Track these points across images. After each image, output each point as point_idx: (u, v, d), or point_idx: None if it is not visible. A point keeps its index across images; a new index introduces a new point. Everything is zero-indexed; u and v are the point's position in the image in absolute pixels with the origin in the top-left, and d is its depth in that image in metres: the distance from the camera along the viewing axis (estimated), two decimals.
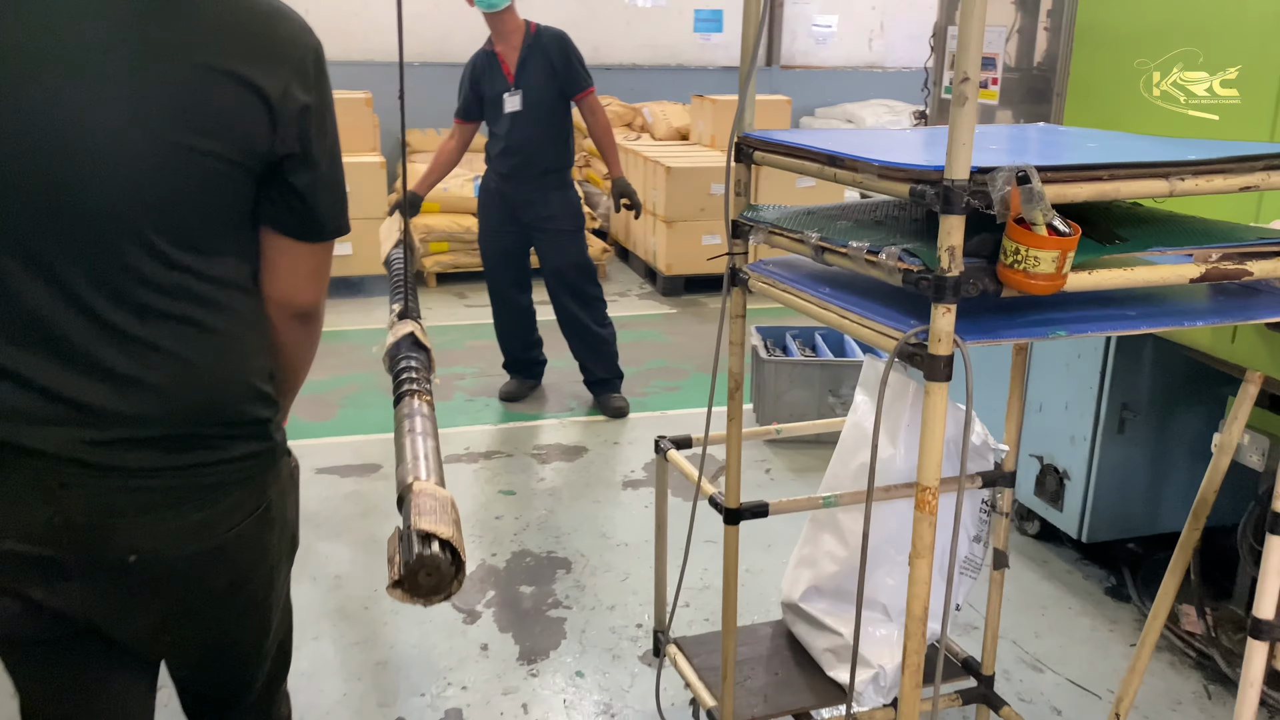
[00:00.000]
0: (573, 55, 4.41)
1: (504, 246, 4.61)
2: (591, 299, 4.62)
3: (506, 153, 4.44)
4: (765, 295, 1.95)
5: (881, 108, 9.99)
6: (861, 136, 2.04)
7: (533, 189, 4.46)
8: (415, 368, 2.53)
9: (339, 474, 3.99)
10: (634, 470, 4.07)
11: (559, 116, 4.45)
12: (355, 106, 6.87)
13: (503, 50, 4.40)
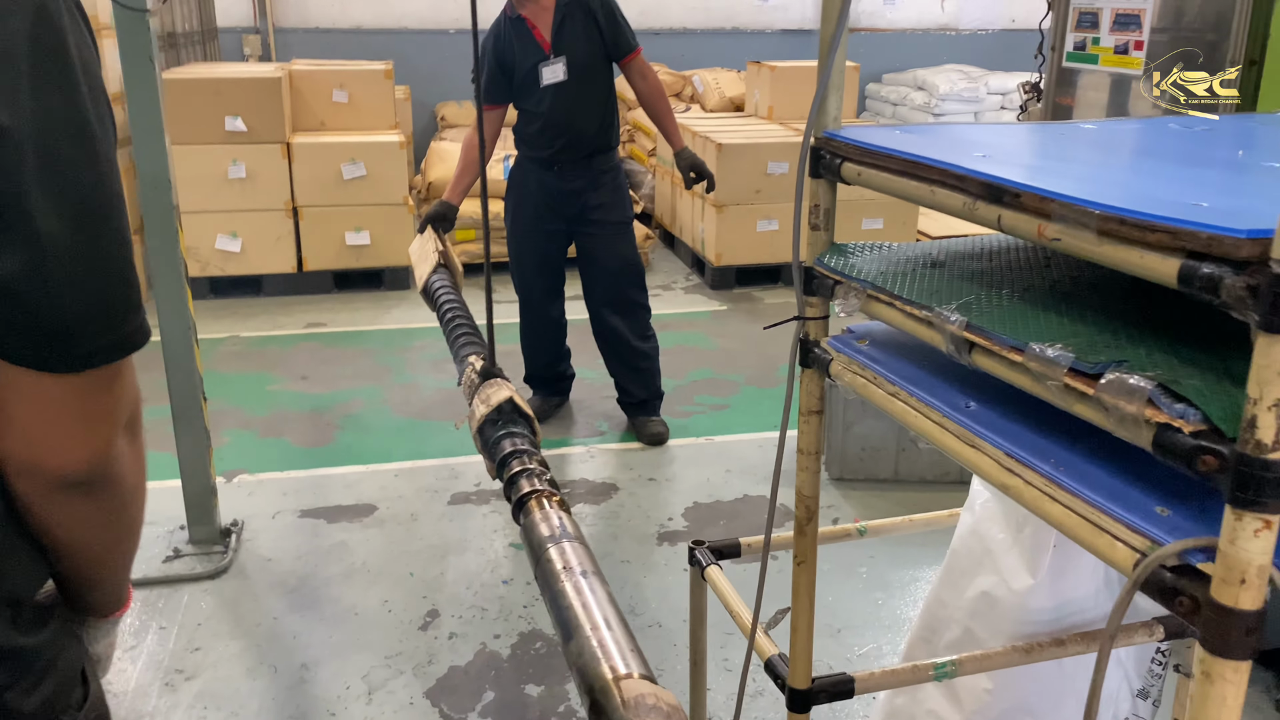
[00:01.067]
0: (618, 13, 3.77)
1: (542, 249, 3.94)
2: (636, 307, 3.95)
3: (548, 133, 3.75)
4: (857, 391, 1.28)
5: (956, 74, 9.12)
6: (1007, 138, 1.33)
7: (580, 175, 3.80)
8: (528, 451, 1.92)
9: (326, 518, 3.38)
10: (672, 518, 3.40)
11: (606, 84, 3.80)
12: (372, 79, 6.22)
13: (531, 12, 3.70)
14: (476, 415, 2.14)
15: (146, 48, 2.71)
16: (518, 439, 2.02)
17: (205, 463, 3.12)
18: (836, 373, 1.33)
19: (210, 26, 7.91)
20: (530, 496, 1.73)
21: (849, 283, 1.25)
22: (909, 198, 1.08)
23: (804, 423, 1.44)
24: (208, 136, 5.51)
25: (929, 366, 1.18)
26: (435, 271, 3.26)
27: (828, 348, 1.35)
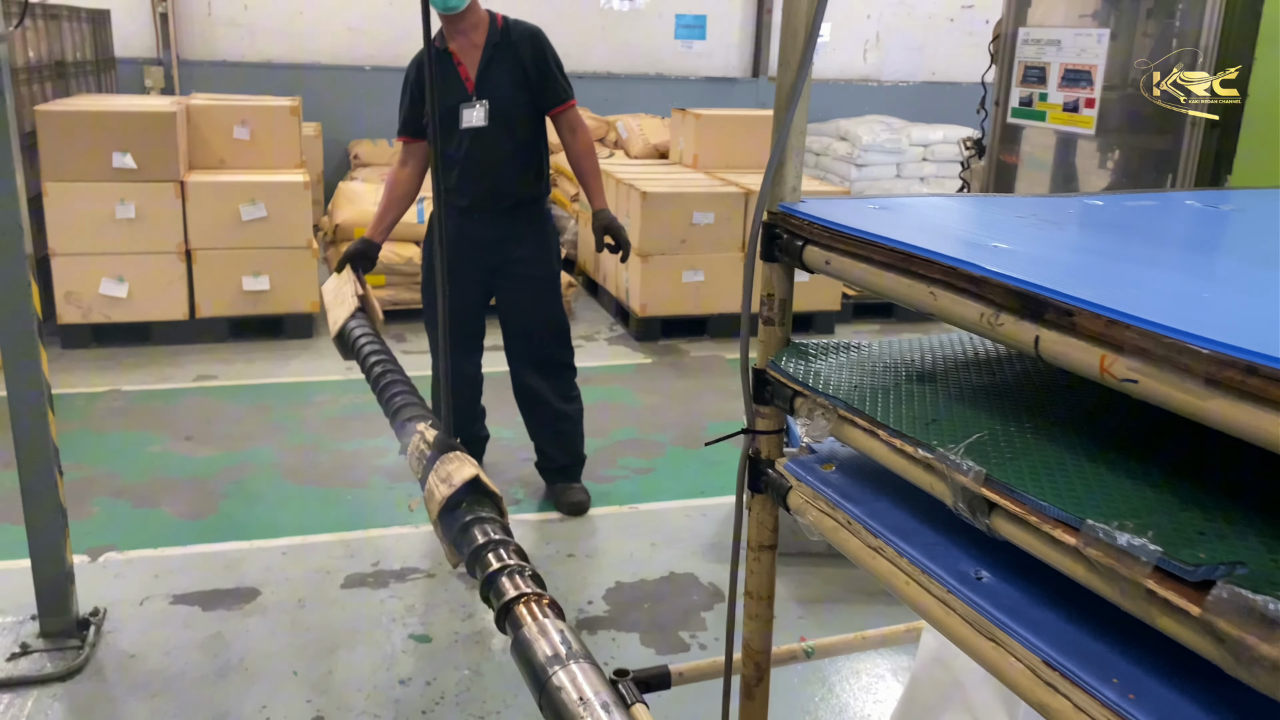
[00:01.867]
0: (551, 57, 3.46)
1: (457, 299, 3.59)
2: (559, 366, 3.67)
3: (466, 180, 3.45)
4: (825, 535, 1.03)
5: (879, 125, 9.13)
6: (1015, 218, 1.10)
7: (502, 224, 3.49)
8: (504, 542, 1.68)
9: (201, 604, 3.00)
10: (593, 601, 3.11)
11: (533, 134, 3.49)
12: (277, 115, 5.87)
13: (460, 48, 3.42)
14: (436, 497, 1.87)
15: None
16: (489, 526, 1.76)
17: (60, 545, 2.74)
18: (797, 507, 1.08)
19: (107, 56, 7.47)
20: (518, 601, 1.51)
21: (814, 397, 1.00)
22: (901, 300, 0.85)
23: (753, 559, 1.20)
24: (93, 174, 5.10)
25: (919, 507, 0.94)
26: (354, 316, 2.96)
27: (784, 472, 1.10)
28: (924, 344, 1.15)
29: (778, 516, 1.22)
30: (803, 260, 1.04)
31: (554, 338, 3.64)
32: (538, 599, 1.50)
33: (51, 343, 5.22)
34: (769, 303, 1.12)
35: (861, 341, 1.21)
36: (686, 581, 3.23)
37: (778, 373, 1.10)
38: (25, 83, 5.54)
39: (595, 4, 9.23)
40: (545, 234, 3.58)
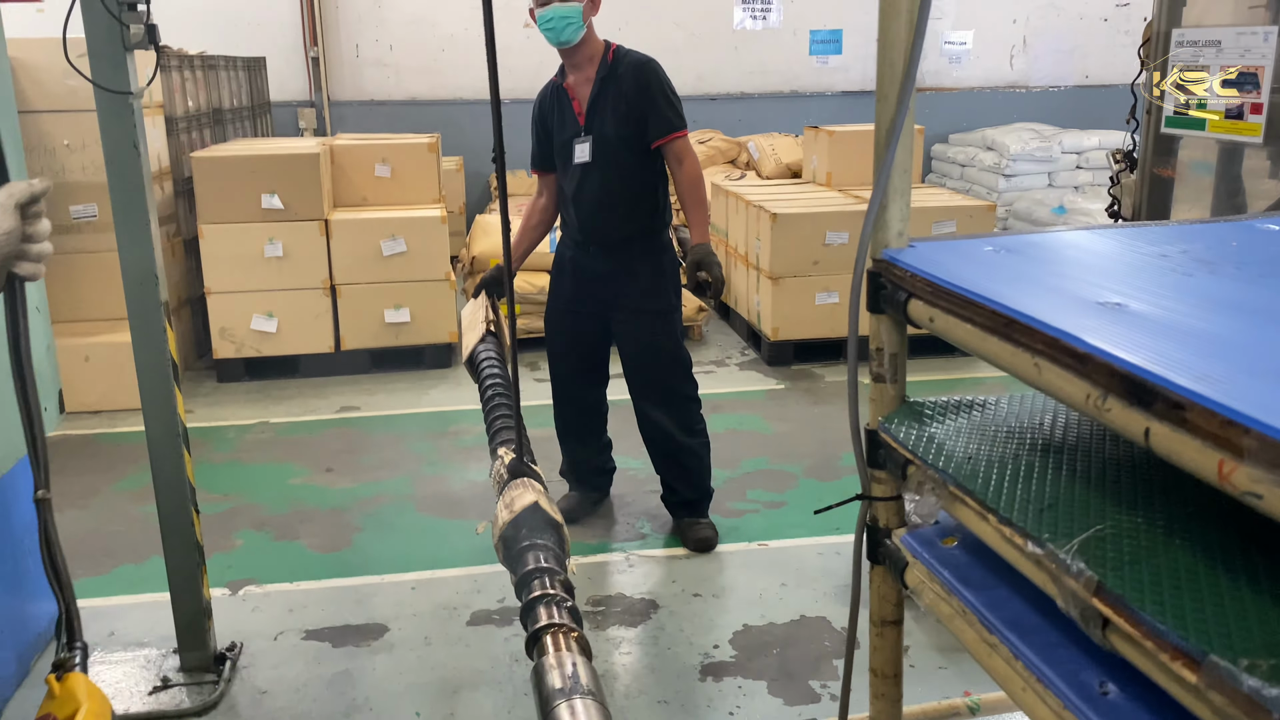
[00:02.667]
0: (656, 88, 3.36)
1: (574, 328, 3.61)
2: (681, 400, 3.58)
3: (580, 215, 3.45)
4: (942, 622, 0.90)
5: (1027, 133, 8.71)
6: (1154, 258, 0.95)
7: (615, 259, 3.45)
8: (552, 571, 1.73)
9: (332, 640, 3.05)
10: (718, 645, 3.00)
11: (642, 167, 3.41)
12: (416, 152, 6.03)
13: (574, 83, 3.42)
14: (499, 521, 1.93)
15: (130, 133, 2.47)
16: (542, 553, 1.79)
17: (197, 581, 2.82)
18: (915, 585, 0.96)
19: (262, 101, 7.88)
20: (547, 631, 1.56)
21: (925, 469, 0.88)
22: (1007, 369, 0.72)
23: (876, 635, 1.08)
24: (244, 215, 5.34)
25: (1041, 597, 0.81)
26: (483, 340, 3.07)
27: (902, 546, 0.98)
28: (1056, 405, 1.01)
29: (900, 591, 1.10)
30: (908, 315, 0.92)
31: (673, 370, 3.55)
32: (565, 631, 1.53)
33: (208, 376, 5.50)
34: (878, 357, 1.01)
35: (988, 400, 1.08)
36: (819, 626, 3.08)
37: (889, 436, 0.98)
38: (185, 130, 5.88)
39: (728, 25, 9.16)
40: (661, 267, 3.50)
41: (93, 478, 4.24)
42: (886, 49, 0.89)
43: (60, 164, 4.94)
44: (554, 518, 1.93)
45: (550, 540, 1.85)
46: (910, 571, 1.01)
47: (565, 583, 1.75)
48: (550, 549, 1.83)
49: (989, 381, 5.42)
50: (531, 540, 1.82)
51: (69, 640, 1.93)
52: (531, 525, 1.87)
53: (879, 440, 1.03)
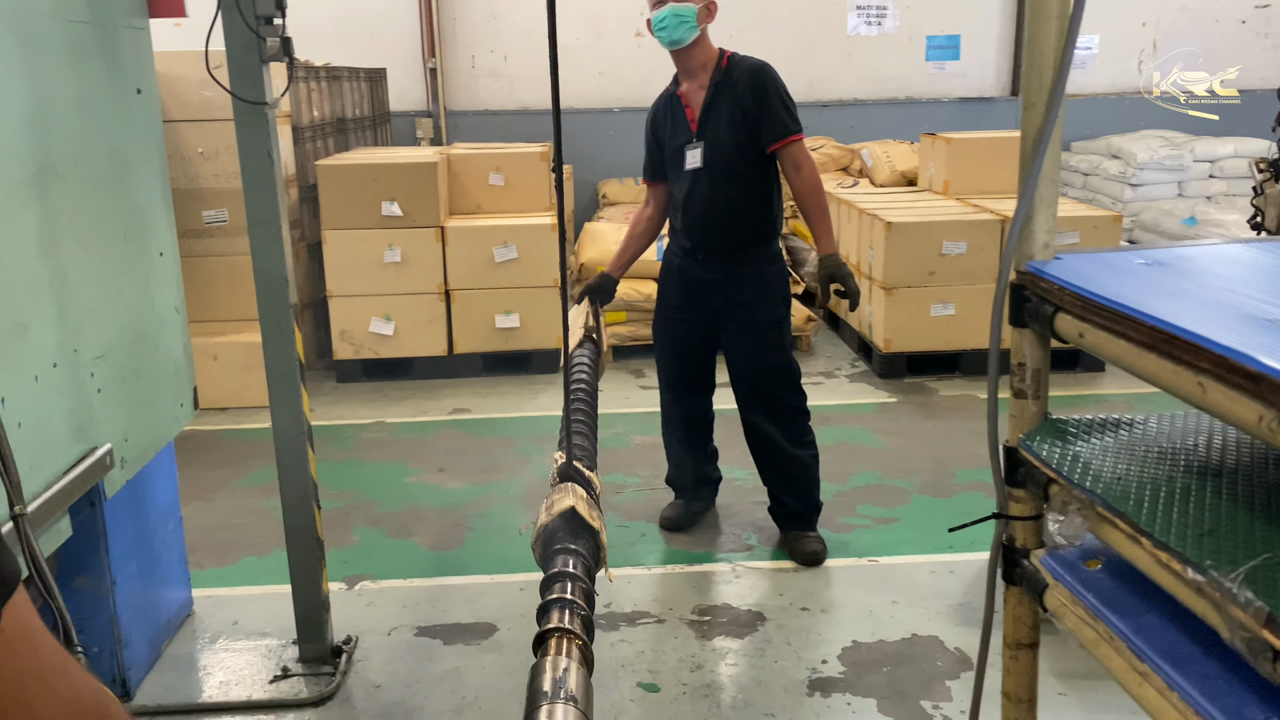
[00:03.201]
0: (772, 93, 3.32)
1: (681, 336, 3.60)
2: (790, 411, 3.53)
3: (689, 222, 3.45)
4: (1085, 647, 0.87)
5: (1156, 140, 8.36)
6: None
7: (724, 267, 3.43)
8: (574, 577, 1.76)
9: (443, 638, 3.10)
10: (827, 660, 2.94)
11: (755, 174, 3.38)
12: (528, 161, 6.13)
13: (688, 90, 3.43)
14: (539, 523, 1.97)
15: (265, 142, 2.57)
16: (572, 558, 1.82)
17: (317, 575, 2.91)
18: (1055, 609, 0.92)
19: (383, 111, 8.12)
20: (553, 634, 1.58)
21: (1070, 488, 0.85)
22: (1166, 389, 0.68)
23: (1010, 658, 1.04)
24: (365, 221, 5.51)
25: (1199, 626, 0.76)
26: (581, 345, 3.14)
27: (1041, 567, 0.94)
28: (1211, 425, 0.95)
29: (1038, 613, 1.06)
30: (1054, 329, 0.89)
31: (781, 382, 3.51)
32: (570, 637, 1.55)
33: (328, 377, 5.69)
34: (1020, 372, 0.97)
35: (1135, 418, 1.03)
36: (930, 645, 3.00)
37: (1030, 454, 0.95)
38: (310, 139, 6.10)
39: (842, 31, 9.05)
40: (770, 276, 3.46)
41: (218, 472, 4.42)
42: (1035, 55, 0.86)
43: (194, 171, 5.18)
44: (591, 524, 1.94)
45: (583, 547, 1.88)
46: (1050, 594, 0.97)
47: (586, 591, 1.76)
48: (581, 555, 1.85)
49: (1112, 399, 5.20)
50: (564, 544, 1.85)
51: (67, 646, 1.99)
52: (568, 529, 1.90)
53: (1019, 458, 0.99)
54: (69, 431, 2.15)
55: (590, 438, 2.47)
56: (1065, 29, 0.86)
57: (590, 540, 1.90)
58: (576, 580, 1.75)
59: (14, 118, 2.00)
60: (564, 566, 1.78)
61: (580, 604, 1.69)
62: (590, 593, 1.76)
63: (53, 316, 2.11)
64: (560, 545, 1.84)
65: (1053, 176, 0.89)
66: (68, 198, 2.19)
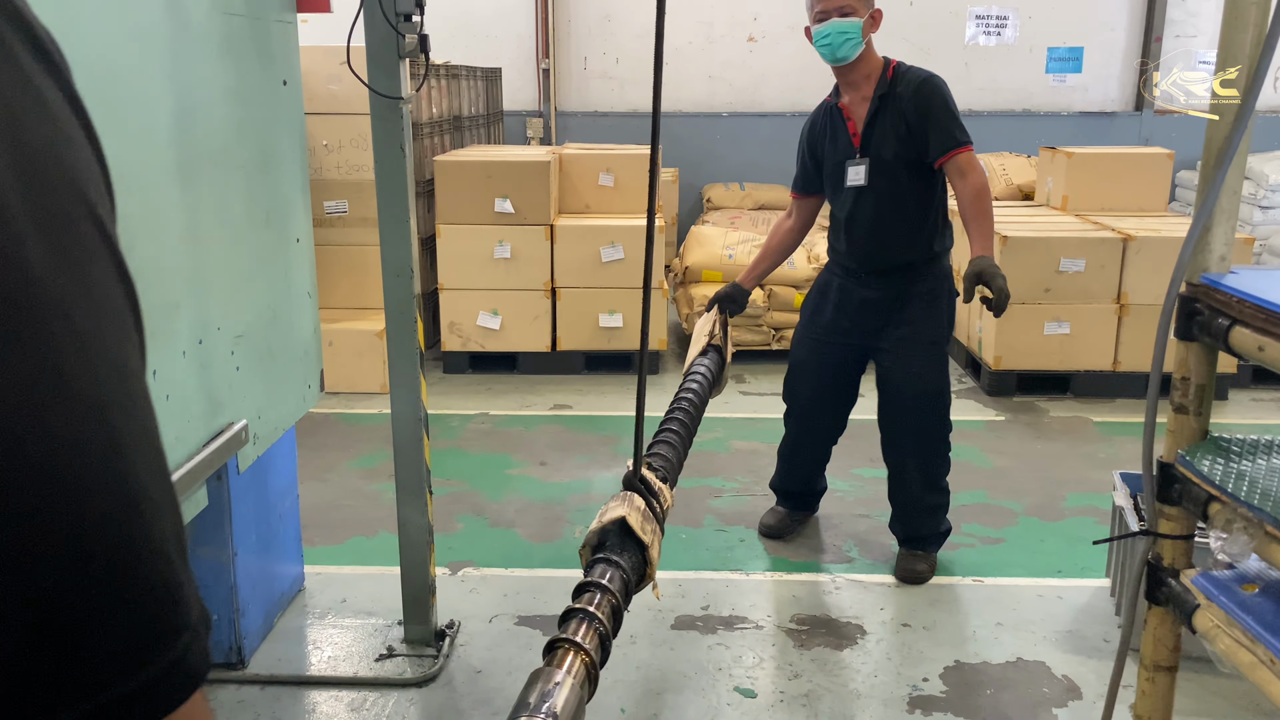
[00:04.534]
0: (939, 105, 3.17)
1: (827, 355, 3.47)
2: (933, 443, 3.41)
3: (851, 240, 3.32)
4: (1241, 671, 0.85)
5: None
6: None
7: (887, 287, 3.31)
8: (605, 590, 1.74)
9: (542, 628, 3.15)
10: (928, 679, 2.89)
11: (922, 190, 3.24)
12: (637, 163, 6.17)
13: (850, 103, 3.27)
14: (590, 528, 1.94)
15: (398, 135, 2.65)
16: (611, 570, 1.79)
17: (425, 559, 2.98)
18: (1205, 630, 0.90)
19: (496, 110, 8.28)
20: (561, 644, 1.57)
21: (1236, 506, 0.82)
22: None
23: (1146, 680, 1.02)
24: (478, 217, 5.63)
25: None
26: (704, 354, 3.09)
27: (1191, 586, 0.92)
28: None
29: (1180, 635, 1.03)
30: (1228, 343, 0.86)
31: (929, 409, 3.37)
32: (578, 652, 1.52)
33: (435, 367, 5.82)
34: (1183, 387, 0.95)
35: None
36: (1037, 671, 2.92)
37: (1190, 470, 0.92)
38: (428, 135, 6.25)
39: (959, 41, 8.89)
40: (936, 298, 3.31)
41: (331, 454, 4.56)
42: (1226, 61, 0.83)
43: (318, 163, 5.36)
44: (641, 537, 1.89)
45: (626, 560, 1.83)
46: (1201, 615, 0.94)
47: (615, 607, 1.72)
48: (621, 569, 1.80)
49: (1235, 428, 4.99)
50: (608, 555, 1.82)
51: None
52: (615, 539, 1.87)
53: (1174, 474, 0.96)
54: (210, 406, 2.25)
55: (677, 450, 2.43)
56: (1263, 36, 0.84)
57: (636, 554, 1.85)
58: (607, 594, 1.71)
59: (172, 106, 2.11)
60: (599, 577, 1.74)
61: (601, 620, 1.65)
62: (619, 609, 1.71)
63: (200, 296, 2.22)
64: (604, 555, 1.81)
65: (1235, 188, 0.87)
66: (217, 184, 2.30)
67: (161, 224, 2.04)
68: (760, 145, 8.99)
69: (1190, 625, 0.98)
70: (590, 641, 1.60)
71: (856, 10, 3.15)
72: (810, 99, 9.41)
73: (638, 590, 1.90)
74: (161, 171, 2.05)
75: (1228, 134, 0.86)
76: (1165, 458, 0.97)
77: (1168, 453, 0.97)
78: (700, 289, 5.96)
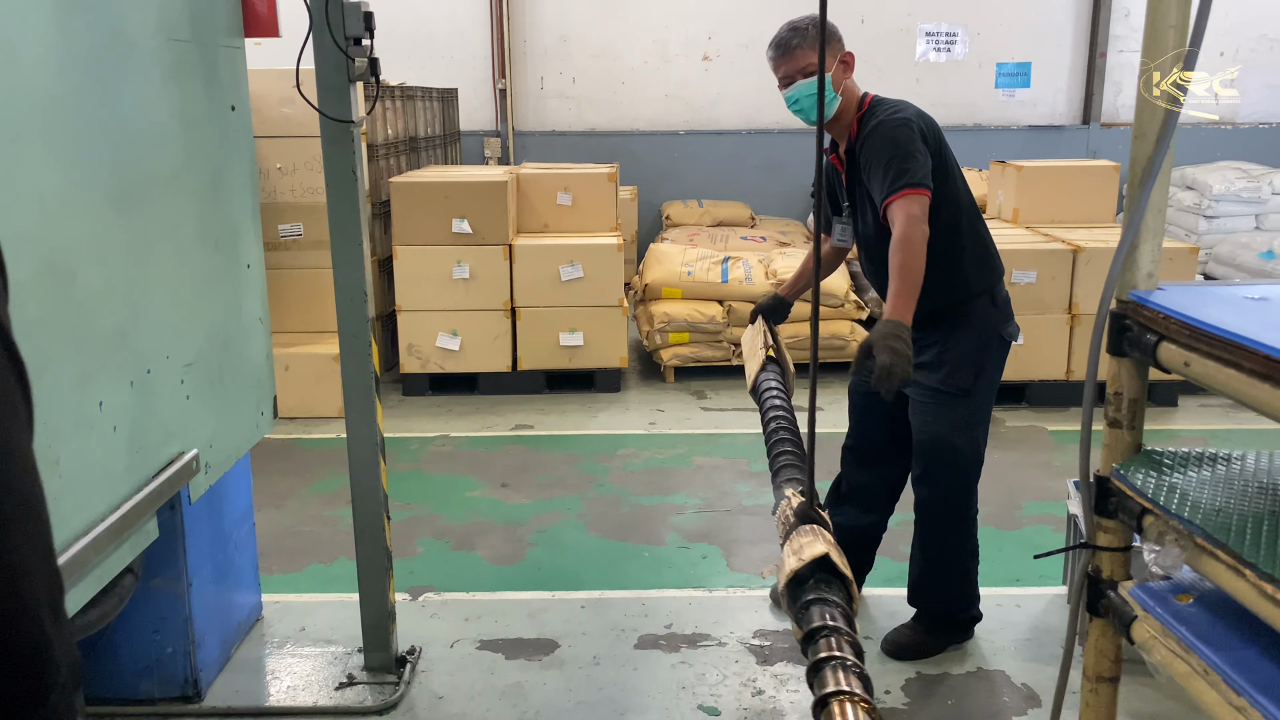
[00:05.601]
0: (878, 155, 2.80)
1: (863, 395, 3.19)
2: (938, 500, 3.03)
3: (877, 288, 3.12)
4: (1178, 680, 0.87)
5: (1232, 171, 8.17)
6: None
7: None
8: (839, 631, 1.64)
9: (505, 652, 3.13)
10: (890, 691, 2.91)
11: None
12: (595, 181, 6.19)
13: (841, 153, 3.05)
14: (785, 569, 1.83)
15: (350, 159, 2.64)
16: (829, 609, 1.70)
17: (384, 585, 2.95)
18: (1143, 641, 0.92)
19: (453, 130, 8.27)
20: (835, 697, 1.49)
21: (1167, 519, 0.84)
22: (1276, 416, 0.68)
23: (1089, 691, 1.03)
24: (435, 238, 5.61)
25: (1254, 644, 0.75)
26: (765, 369, 3.00)
27: (1129, 599, 0.93)
28: None
29: (1121, 646, 1.05)
30: (1156, 358, 0.88)
31: (942, 464, 2.99)
32: (854, 700, 1.47)
33: (394, 390, 5.78)
34: (1116, 401, 0.97)
35: (1230, 453, 1.02)
36: (997, 680, 2.95)
37: (1124, 484, 0.94)
38: (384, 157, 6.23)
39: (910, 58, 9.03)
40: (957, 342, 2.97)
41: (289, 480, 4.51)
42: (1150, 86, 0.86)
43: (273, 186, 5.32)
44: (844, 572, 1.80)
45: (840, 596, 1.75)
46: (1139, 626, 0.96)
47: (854, 644, 1.65)
48: (839, 605, 1.72)
49: (1185, 434, 5.09)
50: (820, 594, 1.71)
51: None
52: (820, 578, 1.76)
53: (1110, 488, 0.98)
54: (160, 436, 2.22)
55: (804, 472, 2.26)
56: (1181, 59, 0.86)
57: (844, 589, 1.76)
58: (841, 634, 1.63)
59: (117, 133, 2.08)
60: (824, 620, 1.65)
61: (853, 661, 1.58)
62: (858, 646, 1.64)
63: (149, 324, 2.19)
64: (815, 595, 1.71)
65: (1160, 207, 0.89)
66: (166, 210, 2.28)
67: (106, 252, 2.02)
68: (718, 162, 9.06)
69: (1129, 636, 0.99)
70: (856, 686, 1.53)
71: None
72: (765, 117, 9.52)
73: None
74: (106, 199, 2.03)
75: (1150, 154, 0.88)
76: (1101, 471, 0.99)
77: (1103, 466, 0.99)
78: (660, 306, 5.98)
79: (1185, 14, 0.89)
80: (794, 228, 8.56)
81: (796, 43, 2.84)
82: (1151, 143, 0.86)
